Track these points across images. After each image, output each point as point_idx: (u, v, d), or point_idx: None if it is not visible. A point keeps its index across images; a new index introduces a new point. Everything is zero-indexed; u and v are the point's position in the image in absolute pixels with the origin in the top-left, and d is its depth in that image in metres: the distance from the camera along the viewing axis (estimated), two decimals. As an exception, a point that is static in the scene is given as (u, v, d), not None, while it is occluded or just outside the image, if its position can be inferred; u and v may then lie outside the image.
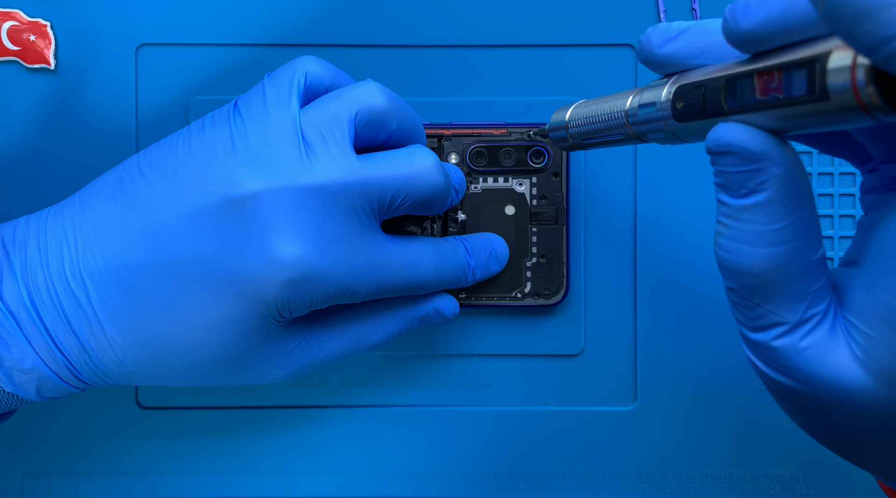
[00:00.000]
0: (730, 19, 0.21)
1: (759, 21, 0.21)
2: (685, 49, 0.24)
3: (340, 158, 0.29)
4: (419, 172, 0.31)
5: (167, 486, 0.38)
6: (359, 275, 0.30)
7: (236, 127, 0.30)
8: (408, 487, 0.38)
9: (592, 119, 0.28)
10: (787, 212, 0.22)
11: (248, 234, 0.29)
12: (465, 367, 0.38)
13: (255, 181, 0.29)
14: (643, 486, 0.38)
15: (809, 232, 0.22)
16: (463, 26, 0.38)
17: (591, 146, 0.29)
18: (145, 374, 0.31)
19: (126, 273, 0.30)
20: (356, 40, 0.38)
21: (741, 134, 0.21)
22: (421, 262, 0.32)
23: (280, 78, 0.31)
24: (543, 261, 0.36)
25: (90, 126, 0.38)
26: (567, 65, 0.38)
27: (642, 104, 0.25)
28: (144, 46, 0.38)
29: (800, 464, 0.38)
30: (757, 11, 0.21)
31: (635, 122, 0.26)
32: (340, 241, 0.29)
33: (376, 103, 0.30)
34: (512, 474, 0.38)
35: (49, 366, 0.30)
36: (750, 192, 0.22)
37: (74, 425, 0.38)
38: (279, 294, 0.29)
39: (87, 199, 0.31)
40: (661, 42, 0.24)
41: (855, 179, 0.37)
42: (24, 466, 0.38)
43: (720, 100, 0.22)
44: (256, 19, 0.38)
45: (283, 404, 0.38)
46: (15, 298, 0.30)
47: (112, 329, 0.30)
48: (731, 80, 0.22)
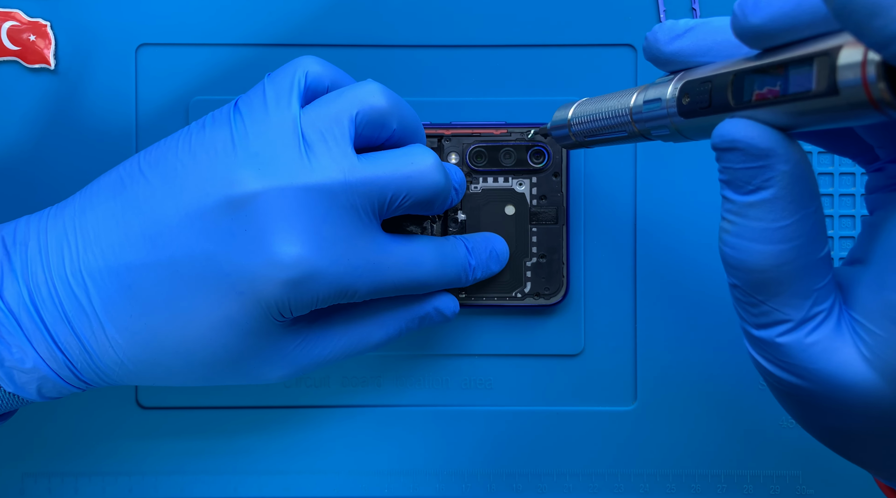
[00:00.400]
0: (739, 14, 0.21)
1: (769, 16, 0.20)
2: (692, 46, 0.24)
3: (341, 158, 0.29)
4: (420, 172, 0.31)
5: (167, 486, 0.38)
6: (359, 274, 0.30)
7: (236, 127, 0.30)
8: (407, 487, 0.38)
9: (596, 116, 0.28)
10: (793, 209, 0.21)
11: (249, 234, 0.29)
12: (465, 367, 0.38)
13: (255, 181, 0.29)
14: (643, 486, 0.38)
15: (815, 229, 0.22)
16: (463, 26, 0.38)
17: (593, 144, 0.29)
18: (146, 373, 0.31)
19: (126, 273, 0.30)
20: (356, 40, 0.38)
21: (748, 130, 0.21)
22: (422, 261, 0.32)
23: (280, 78, 0.31)
24: (543, 261, 0.36)
25: (90, 126, 0.38)
26: (567, 65, 0.38)
27: (647, 100, 0.25)
28: (144, 46, 0.38)
29: (800, 464, 0.38)
30: (767, 6, 0.20)
31: (640, 120, 0.26)
32: (341, 240, 0.29)
33: (377, 103, 0.30)
34: (512, 474, 0.38)
35: (50, 366, 0.30)
36: (756, 189, 0.22)
37: (74, 425, 0.38)
38: (279, 294, 0.29)
39: (88, 199, 0.31)
40: (668, 39, 0.24)
41: (855, 180, 0.37)
42: (24, 466, 0.38)
43: (727, 96, 0.22)
44: (256, 19, 0.38)
45: (283, 404, 0.38)
46: (15, 298, 0.30)
47: (113, 329, 0.30)
48: (739, 76, 0.22)
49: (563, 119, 0.29)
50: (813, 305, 0.22)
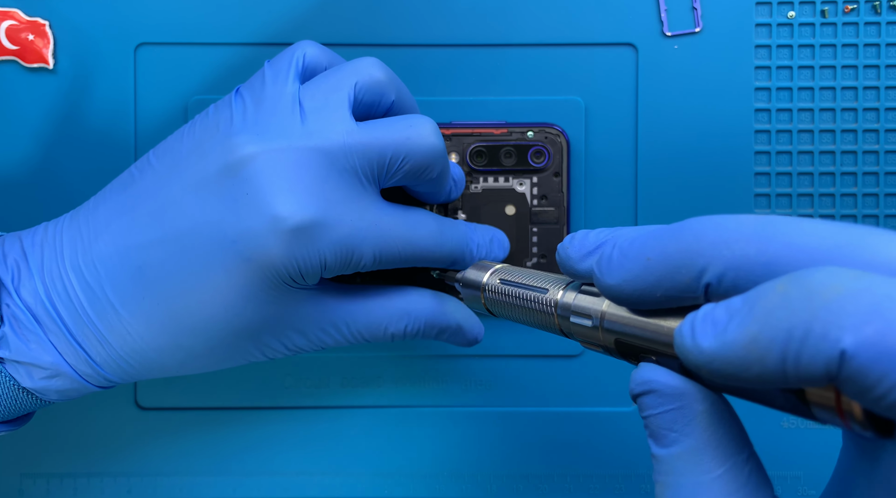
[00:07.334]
0: (597, 272, 0.22)
1: (622, 279, 0.22)
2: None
3: (339, 122, 0.30)
4: (418, 134, 0.31)
5: (167, 486, 0.38)
6: (362, 236, 0.30)
7: (236, 107, 0.30)
8: (407, 487, 0.38)
9: (517, 296, 0.27)
10: (721, 456, 0.21)
11: (249, 196, 0.29)
12: (465, 367, 0.38)
13: (252, 145, 0.29)
14: (643, 486, 0.38)
15: (754, 479, 0.21)
16: (463, 26, 0.37)
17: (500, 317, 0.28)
18: (168, 360, 0.31)
19: (136, 253, 0.30)
20: (355, 39, 0.37)
21: (659, 374, 0.21)
22: (422, 227, 0.32)
23: (279, 60, 0.31)
24: (543, 261, 0.36)
25: (89, 126, 0.38)
26: (567, 65, 0.38)
27: (576, 311, 0.24)
28: (143, 46, 0.38)
29: (801, 465, 0.38)
30: (618, 270, 0.22)
31: (564, 322, 0.25)
32: (342, 201, 0.29)
33: (376, 74, 0.31)
34: (512, 475, 0.38)
35: (68, 361, 0.30)
36: (678, 436, 0.21)
37: (74, 425, 0.38)
38: (284, 251, 0.28)
39: (101, 197, 0.31)
40: (580, 257, 0.24)
41: (856, 179, 0.37)
42: (24, 467, 0.38)
43: (637, 356, 0.23)
44: (256, 19, 0.37)
45: (283, 404, 0.38)
46: (33, 296, 0.30)
47: (127, 314, 0.30)
48: (641, 348, 0.22)
49: (478, 282, 0.29)
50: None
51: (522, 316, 0.27)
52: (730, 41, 0.37)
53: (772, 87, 0.37)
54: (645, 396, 0.21)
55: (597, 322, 0.23)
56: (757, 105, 0.37)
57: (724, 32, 0.37)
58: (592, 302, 0.24)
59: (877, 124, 0.37)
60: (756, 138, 0.37)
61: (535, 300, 0.26)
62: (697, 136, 0.37)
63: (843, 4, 0.37)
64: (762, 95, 0.37)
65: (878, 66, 0.37)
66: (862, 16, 0.37)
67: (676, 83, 0.37)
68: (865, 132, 0.37)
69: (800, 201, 0.37)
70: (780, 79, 0.37)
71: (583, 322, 0.24)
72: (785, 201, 0.37)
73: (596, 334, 0.24)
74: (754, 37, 0.37)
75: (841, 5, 0.37)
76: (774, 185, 0.37)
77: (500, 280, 0.28)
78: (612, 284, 0.22)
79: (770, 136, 0.37)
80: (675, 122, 0.37)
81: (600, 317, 0.23)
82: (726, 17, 0.37)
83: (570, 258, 0.24)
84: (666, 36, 0.37)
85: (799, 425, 0.38)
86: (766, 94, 0.37)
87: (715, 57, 0.37)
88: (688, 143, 0.37)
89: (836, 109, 0.37)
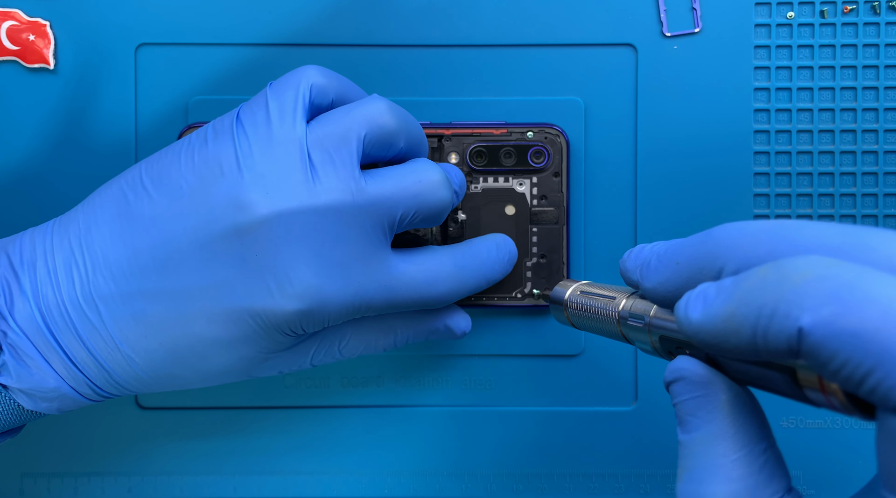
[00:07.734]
0: (640, 279, 0.26)
1: (657, 282, 0.25)
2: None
3: (349, 180, 0.29)
4: (428, 189, 0.30)
5: (167, 486, 0.38)
6: (371, 297, 0.30)
7: (241, 144, 0.29)
8: (407, 487, 0.38)
9: (590, 309, 0.29)
10: (740, 442, 0.22)
11: (259, 259, 0.29)
12: (465, 367, 0.38)
13: (263, 206, 0.28)
14: (643, 486, 0.38)
15: (767, 470, 0.22)
16: (463, 26, 0.38)
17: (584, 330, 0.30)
18: (165, 384, 0.31)
19: (139, 299, 0.29)
20: (356, 40, 0.38)
21: (690, 363, 0.23)
22: (437, 279, 0.32)
23: (284, 91, 0.30)
24: (543, 261, 0.36)
25: (90, 126, 0.38)
26: (567, 65, 0.38)
27: (631, 315, 0.27)
28: (144, 46, 0.38)
29: (800, 464, 0.38)
30: (655, 274, 0.25)
31: (624, 327, 0.27)
32: (351, 262, 0.29)
33: (385, 123, 0.30)
34: (512, 474, 0.38)
35: (70, 384, 0.30)
36: (702, 422, 0.23)
37: (74, 426, 0.38)
38: (292, 320, 0.29)
39: (91, 215, 0.30)
40: (634, 268, 0.26)
41: (856, 179, 0.37)
42: (24, 467, 0.38)
43: (674, 352, 0.25)
44: (256, 19, 0.37)
45: (283, 404, 0.38)
46: (28, 321, 0.29)
47: (129, 350, 0.30)
48: (678, 343, 0.25)
49: (561, 299, 0.30)
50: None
51: (597, 326, 0.29)
52: (729, 41, 0.37)
53: (771, 87, 0.37)
54: (675, 384, 0.23)
55: (646, 322, 0.26)
56: (756, 105, 0.37)
57: (724, 33, 0.37)
58: (644, 306, 0.26)
59: (876, 124, 0.37)
60: (755, 138, 0.37)
61: (603, 310, 0.28)
62: (697, 136, 0.37)
63: (842, 5, 0.37)
64: (761, 96, 0.38)
65: (878, 67, 0.37)
66: (861, 16, 0.37)
67: (676, 83, 0.37)
68: (864, 132, 0.37)
69: (799, 201, 0.38)
70: (780, 79, 0.37)
71: (636, 324, 0.26)
72: (784, 201, 0.38)
73: (646, 335, 0.26)
74: (753, 37, 0.37)
75: (840, 6, 0.37)
76: (774, 185, 0.37)
77: (581, 292, 0.30)
78: (650, 287, 0.25)
79: (769, 137, 0.37)
80: (675, 122, 0.37)
81: (649, 318, 0.26)
82: (726, 18, 0.37)
83: (626, 269, 0.27)
84: (665, 36, 0.38)
85: (798, 425, 0.38)
86: (766, 94, 0.37)
87: (714, 57, 0.37)
88: (687, 143, 0.37)
89: (835, 110, 0.37)
